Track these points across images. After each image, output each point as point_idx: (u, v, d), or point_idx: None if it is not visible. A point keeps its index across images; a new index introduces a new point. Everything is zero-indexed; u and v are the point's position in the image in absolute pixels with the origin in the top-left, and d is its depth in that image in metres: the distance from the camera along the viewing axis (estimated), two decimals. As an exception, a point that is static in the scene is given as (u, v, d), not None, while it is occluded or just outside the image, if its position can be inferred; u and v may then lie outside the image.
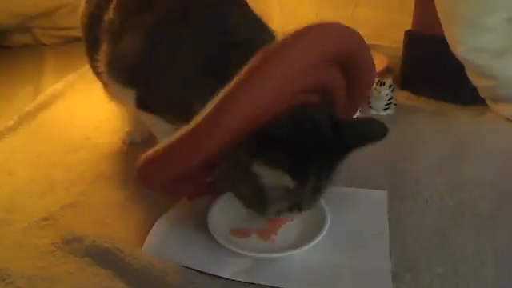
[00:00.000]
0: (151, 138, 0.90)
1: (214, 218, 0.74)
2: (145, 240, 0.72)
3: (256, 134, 0.59)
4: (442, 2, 1.09)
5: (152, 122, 0.84)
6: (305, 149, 0.60)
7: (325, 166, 0.63)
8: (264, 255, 0.68)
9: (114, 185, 0.89)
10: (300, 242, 0.69)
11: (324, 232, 0.69)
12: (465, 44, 1.07)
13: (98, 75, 0.86)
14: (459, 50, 1.08)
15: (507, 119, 1.09)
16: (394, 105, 1.15)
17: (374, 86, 1.14)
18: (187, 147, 0.60)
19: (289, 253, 0.68)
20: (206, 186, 0.73)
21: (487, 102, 1.14)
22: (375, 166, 0.91)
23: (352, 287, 0.64)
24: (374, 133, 0.64)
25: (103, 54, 0.81)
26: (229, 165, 0.64)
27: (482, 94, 1.14)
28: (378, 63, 1.36)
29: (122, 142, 1.03)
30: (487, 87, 1.12)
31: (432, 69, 1.22)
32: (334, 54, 0.62)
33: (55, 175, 0.92)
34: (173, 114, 0.75)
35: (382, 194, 0.82)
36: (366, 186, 0.84)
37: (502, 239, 0.72)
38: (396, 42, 1.40)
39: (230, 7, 0.76)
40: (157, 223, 0.75)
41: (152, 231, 0.74)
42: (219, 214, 0.75)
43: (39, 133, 1.10)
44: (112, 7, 0.81)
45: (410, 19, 1.30)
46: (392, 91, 1.14)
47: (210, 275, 0.66)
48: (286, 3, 1.76)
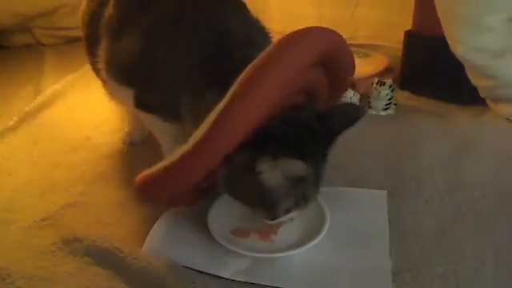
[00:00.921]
0: (151, 137, 0.90)
1: (214, 218, 0.74)
2: (145, 240, 0.72)
3: (252, 139, 0.60)
4: (442, 2, 1.09)
5: (151, 121, 0.84)
6: (300, 143, 0.62)
7: (320, 155, 0.66)
8: (264, 255, 0.68)
9: (114, 185, 0.89)
10: (300, 242, 0.69)
11: (324, 232, 0.70)
12: (465, 44, 1.07)
13: (98, 72, 0.86)
14: (459, 50, 1.08)
15: (507, 119, 1.09)
16: (394, 105, 1.15)
17: (374, 85, 1.14)
18: (185, 169, 0.61)
19: (288, 253, 0.68)
20: (202, 191, 0.74)
21: (487, 102, 1.15)
22: (375, 166, 0.91)
23: (352, 287, 0.64)
24: (353, 115, 0.68)
25: (102, 51, 0.81)
26: (230, 173, 0.65)
27: (482, 94, 1.14)
28: (378, 63, 1.36)
29: (122, 142, 1.03)
30: (487, 87, 1.12)
31: (432, 69, 1.22)
32: (320, 58, 0.64)
33: (55, 175, 0.92)
34: (170, 113, 0.75)
35: (382, 193, 0.82)
36: (366, 185, 0.84)
37: (502, 239, 0.72)
38: (396, 42, 1.40)
39: (228, 9, 0.76)
40: (157, 223, 0.75)
41: (152, 231, 0.74)
42: (219, 214, 0.75)
43: (39, 133, 1.10)
44: (111, 3, 0.81)
45: (410, 19, 1.30)
46: (392, 91, 1.14)
47: (210, 275, 0.66)
48: (285, 3, 1.76)
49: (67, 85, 1.34)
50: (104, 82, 0.88)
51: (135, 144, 1.02)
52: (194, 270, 0.67)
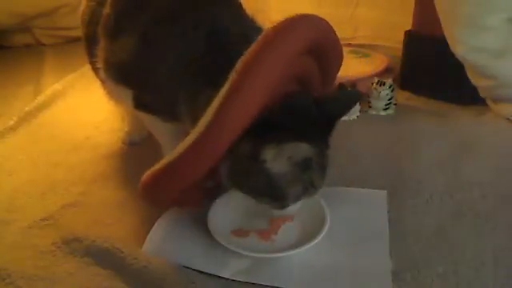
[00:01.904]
0: (150, 137, 0.90)
1: (214, 218, 0.74)
2: (145, 240, 0.72)
3: (254, 128, 0.60)
4: (442, 2, 1.09)
5: (151, 121, 0.84)
6: (302, 129, 0.63)
7: (321, 141, 0.67)
8: (264, 255, 0.68)
9: (113, 185, 0.89)
10: (300, 242, 0.69)
11: (324, 232, 0.69)
12: (465, 44, 1.07)
13: (97, 72, 0.86)
14: (459, 49, 1.08)
15: (507, 119, 1.09)
16: (394, 105, 1.15)
17: (374, 85, 1.14)
18: (187, 164, 0.62)
19: (288, 253, 0.68)
20: (207, 191, 0.74)
21: (487, 102, 1.15)
22: (375, 165, 0.91)
23: (352, 287, 0.64)
24: (348, 101, 0.72)
25: (101, 51, 0.81)
26: (234, 165, 0.65)
27: (482, 94, 1.14)
28: (378, 63, 1.37)
29: (122, 142, 1.04)
30: (487, 87, 1.12)
31: (432, 69, 1.22)
32: (310, 45, 0.64)
33: (55, 175, 0.92)
34: (169, 113, 0.75)
35: (382, 193, 0.82)
36: (366, 185, 0.84)
37: (502, 239, 0.72)
38: (396, 42, 1.40)
39: (224, 8, 0.76)
40: (157, 223, 0.75)
41: (152, 231, 0.74)
42: (219, 214, 0.75)
43: (39, 133, 1.10)
44: (108, 2, 0.81)
45: (410, 19, 1.30)
46: (392, 91, 1.14)
47: (210, 275, 0.66)
48: (285, 3, 1.76)
49: (67, 85, 1.34)
50: (103, 82, 0.88)
51: (135, 144, 1.02)
52: (194, 270, 0.67)
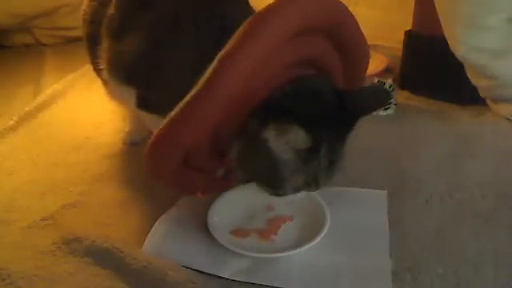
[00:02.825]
0: (151, 137, 0.90)
1: (214, 218, 0.74)
2: (145, 240, 0.72)
3: (261, 107, 0.60)
4: (442, 1, 1.09)
5: (153, 121, 0.83)
6: (314, 118, 0.61)
7: (336, 136, 0.64)
8: (264, 255, 0.68)
9: (114, 185, 0.89)
10: (300, 242, 0.69)
11: (324, 232, 0.70)
12: (465, 44, 1.07)
13: (99, 72, 0.86)
14: (459, 49, 1.08)
15: (507, 119, 1.09)
16: (394, 105, 1.15)
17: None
18: (189, 117, 0.61)
19: (289, 253, 0.68)
20: (218, 180, 0.73)
21: (487, 102, 1.14)
22: (375, 165, 0.91)
23: (352, 287, 0.64)
24: (378, 99, 0.66)
25: (104, 51, 0.81)
26: (241, 143, 0.64)
27: (482, 94, 1.14)
28: (378, 63, 1.36)
29: (122, 142, 1.03)
30: (487, 87, 1.12)
31: (432, 69, 1.22)
32: (319, 24, 0.63)
33: (55, 175, 0.92)
34: None
35: (382, 193, 0.82)
36: (366, 185, 0.84)
37: (502, 239, 0.72)
38: (396, 42, 1.40)
39: (231, 7, 0.76)
40: (157, 223, 0.75)
41: (152, 231, 0.74)
42: (219, 214, 0.75)
43: (39, 133, 1.10)
44: (113, 3, 0.81)
45: (410, 19, 1.30)
46: (392, 91, 1.14)
47: (210, 275, 0.66)
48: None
49: (67, 85, 1.33)
50: (105, 83, 0.88)
51: (135, 144, 1.02)
52: (194, 269, 0.67)
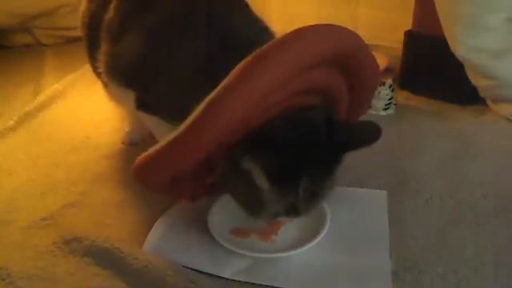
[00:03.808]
0: (151, 138, 0.90)
1: (214, 218, 0.74)
2: (145, 240, 0.72)
3: (250, 134, 0.59)
4: (442, 2, 1.09)
5: (152, 122, 0.84)
6: (298, 150, 0.60)
7: (320, 169, 0.63)
8: (264, 255, 0.68)
9: (113, 185, 0.89)
10: (300, 242, 0.69)
11: (324, 232, 0.70)
12: (465, 44, 1.07)
13: (99, 75, 0.86)
14: (459, 50, 1.08)
15: (507, 119, 1.09)
16: (394, 105, 1.15)
17: (374, 86, 1.14)
18: (179, 149, 0.61)
19: (289, 253, 0.68)
20: (207, 188, 0.73)
21: (487, 102, 1.15)
22: (375, 166, 0.91)
23: (352, 287, 0.64)
24: (367, 136, 0.64)
25: (103, 54, 0.81)
26: (225, 165, 0.64)
27: (482, 94, 1.14)
28: (378, 63, 1.36)
29: (122, 142, 1.03)
30: (487, 87, 1.12)
31: (432, 69, 1.22)
32: (332, 55, 0.62)
33: (55, 175, 0.92)
34: (172, 115, 0.75)
35: (382, 193, 0.82)
36: (366, 186, 0.84)
37: (502, 239, 0.72)
38: (396, 42, 1.40)
39: (231, 9, 0.76)
40: (157, 223, 0.75)
41: (152, 231, 0.74)
42: (219, 214, 0.75)
43: (39, 133, 1.10)
44: (112, 6, 0.81)
45: (410, 19, 1.30)
46: (392, 91, 1.14)
47: (210, 275, 0.66)
48: (285, 3, 1.76)
49: (67, 85, 1.33)
50: (105, 86, 0.88)
51: (135, 144, 1.02)
52: (193, 269, 0.67)
